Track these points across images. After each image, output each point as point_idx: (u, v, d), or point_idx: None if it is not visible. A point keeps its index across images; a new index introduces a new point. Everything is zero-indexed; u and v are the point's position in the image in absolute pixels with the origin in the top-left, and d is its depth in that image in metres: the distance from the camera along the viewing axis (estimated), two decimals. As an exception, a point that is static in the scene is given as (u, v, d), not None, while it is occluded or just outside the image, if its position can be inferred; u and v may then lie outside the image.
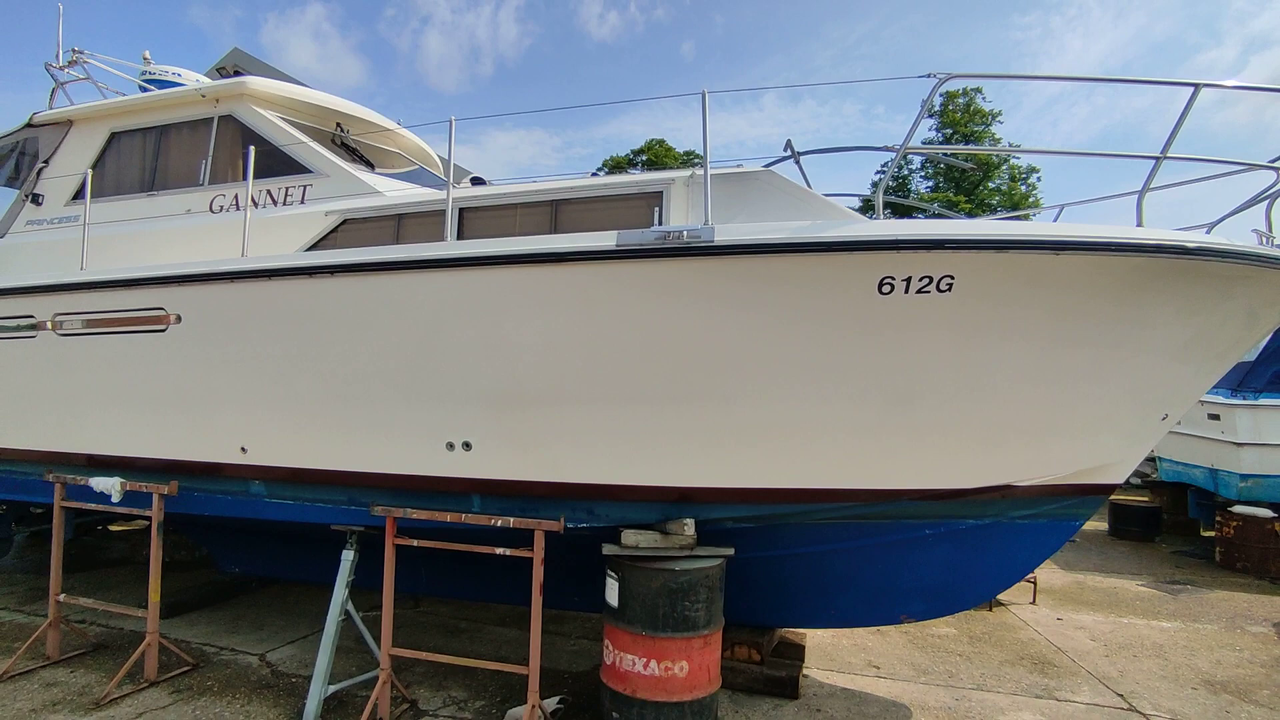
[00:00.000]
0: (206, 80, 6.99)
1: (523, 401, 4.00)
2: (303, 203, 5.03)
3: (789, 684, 4.72)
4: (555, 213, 4.26)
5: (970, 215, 30.07)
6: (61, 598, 4.95)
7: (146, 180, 5.66)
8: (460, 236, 4.36)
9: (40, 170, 5.96)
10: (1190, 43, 76.34)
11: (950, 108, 35.41)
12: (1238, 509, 8.75)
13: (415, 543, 4.14)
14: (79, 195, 5.83)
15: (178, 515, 5.01)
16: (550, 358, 3.91)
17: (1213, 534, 9.37)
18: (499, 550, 3.99)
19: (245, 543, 5.96)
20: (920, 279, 3.48)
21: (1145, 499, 11.65)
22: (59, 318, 4.92)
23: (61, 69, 6.54)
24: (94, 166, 5.80)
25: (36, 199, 5.91)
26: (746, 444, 3.98)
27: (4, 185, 6.14)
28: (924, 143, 35.80)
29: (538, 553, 3.91)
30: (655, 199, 4.14)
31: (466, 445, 4.12)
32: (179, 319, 4.55)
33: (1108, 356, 3.89)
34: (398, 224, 4.58)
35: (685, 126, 78.30)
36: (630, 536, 4.00)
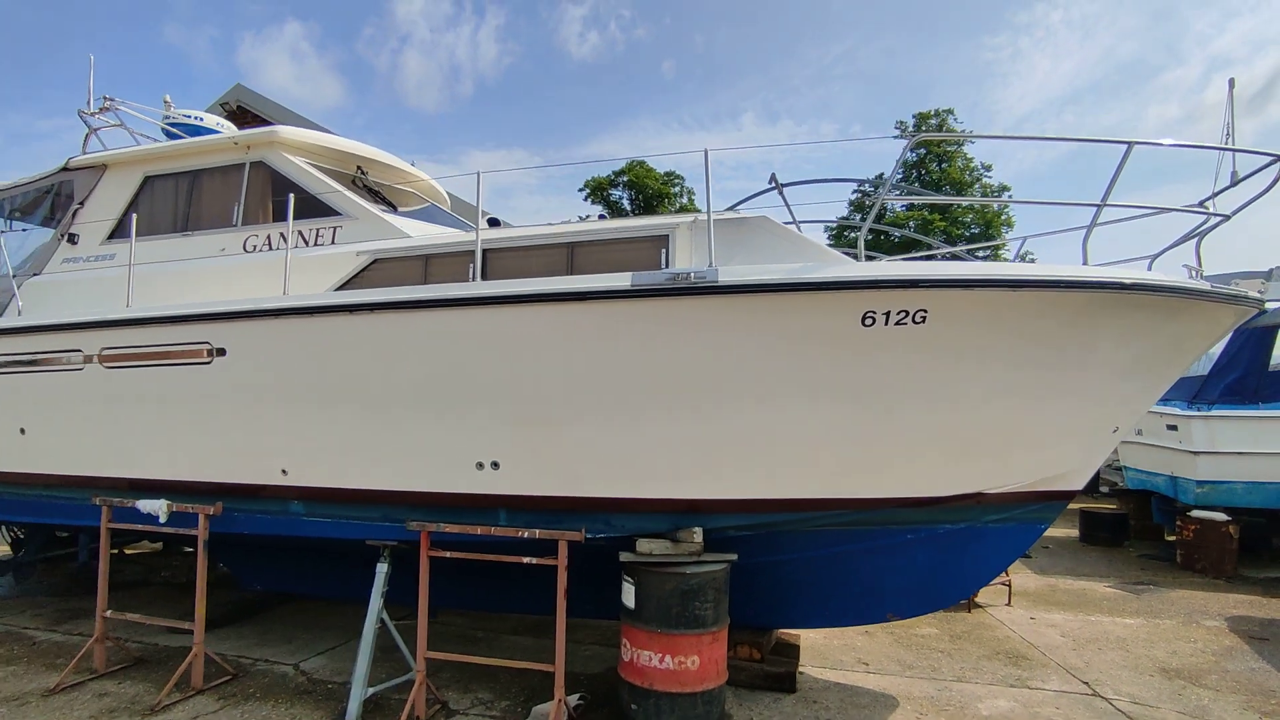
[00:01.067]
0: (228, 124, 7.45)
1: (546, 424, 4.45)
2: (333, 243, 5.46)
3: (787, 679, 5.17)
4: (571, 254, 4.74)
5: (945, 232, 31.11)
6: (108, 614, 5.26)
7: (180, 221, 6.05)
8: (484, 276, 4.81)
9: (76, 211, 6.34)
10: (1154, 63, 79.26)
11: (923, 128, 36.67)
12: (1195, 513, 9.37)
13: (449, 554, 4.55)
14: (114, 235, 6.23)
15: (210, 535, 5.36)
16: (571, 384, 4.37)
17: (1175, 538, 10.00)
18: (526, 560, 4.42)
19: (266, 561, 6.29)
20: (898, 312, 4.00)
21: (1114, 506, 12.30)
22: (106, 351, 5.29)
23: (93, 115, 6.94)
24: (129, 208, 6.19)
25: (72, 238, 6.27)
26: (746, 459, 4.45)
27: (39, 224, 6.48)
28: (899, 163, 37.11)
29: (562, 561, 4.34)
30: (662, 241, 4.64)
31: (495, 465, 4.55)
32: (223, 352, 4.94)
33: (1062, 377, 4.42)
34: (425, 264, 5.03)
35: (664, 146, 79.42)
36: (645, 544, 4.45)
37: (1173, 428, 9.68)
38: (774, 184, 5.43)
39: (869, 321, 4.04)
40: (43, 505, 5.81)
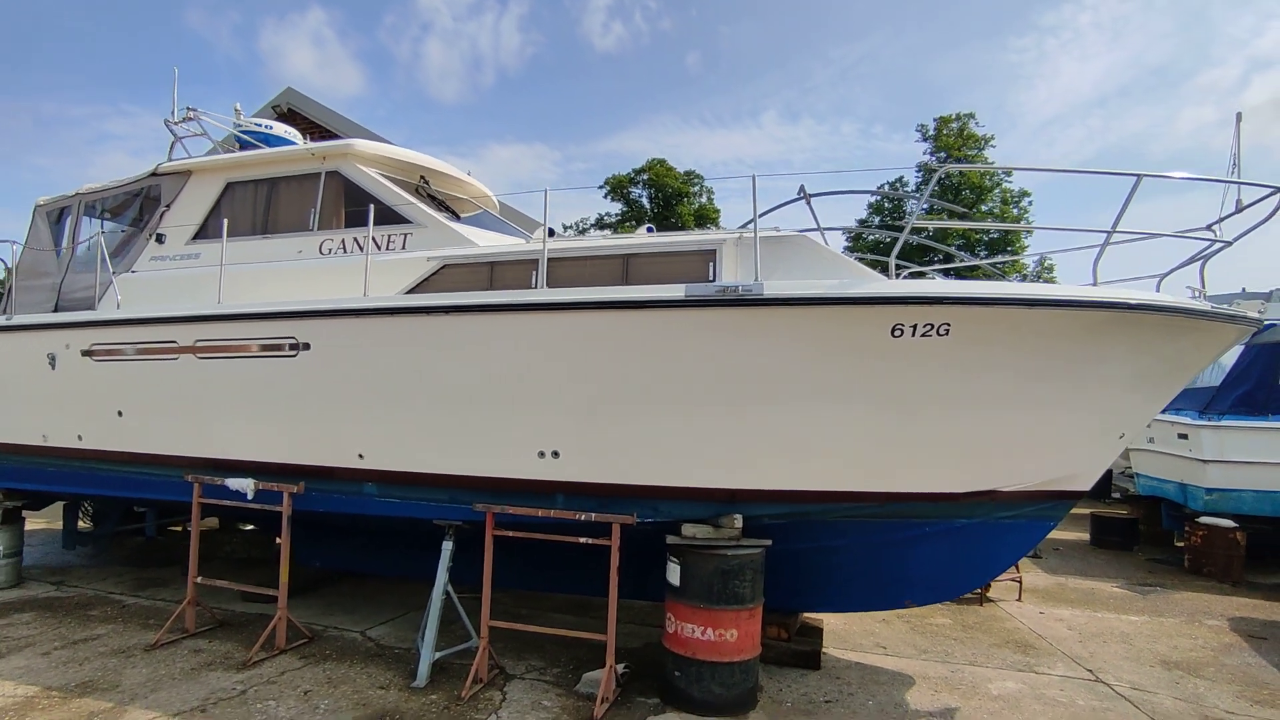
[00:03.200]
0: (295, 133, 8.01)
1: (604, 418, 4.94)
2: (404, 249, 5.98)
3: (812, 657, 5.65)
4: (627, 264, 5.23)
5: (964, 236, 31.30)
6: (199, 580, 5.83)
7: (259, 224, 6.60)
8: (546, 283, 5.31)
9: (163, 213, 6.91)
10: (1185, 67, 78.54)
11: (945, 132, 36.79)
12: (1204, 520, 9.71)
13: (511, 534, 5.06)
14: (198, 235, 6.80)
15: (265, 514, 5.89)
16: (628, 383, 4.85)
17: (1183, 543, 10.34)
18: (582, 540, 4.92)
19: (324, 540, 6.80)
20: (924, 326, 4.45)
21: (1125, 512, 12.62)
22: (199, 342, 5.85)
23: (177, 124, 7.52)
24: (212, 211, 6.76)
25: (160, 238, 6.85)
26: (782, 453, 4.92)
27: (128, 224, 7.06)
28: (917, 166, 37.35)
29: (615, 542, 4.83)
30: (710, 255, 5.11)
31: (555, 454, 5.05)
32: (307, 346, 5.48)
33: (1072, 387, 4.84)
34: (491, 270, 5.54)
35: (685, 143, 79.64)
36: (689, 529, 4.93)
37: (1184, 437, 10.01)
38: (802, 194, 5.85)
39: (898, 333, 4.49)
40: (136, 481, 6.37)
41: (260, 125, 7.90)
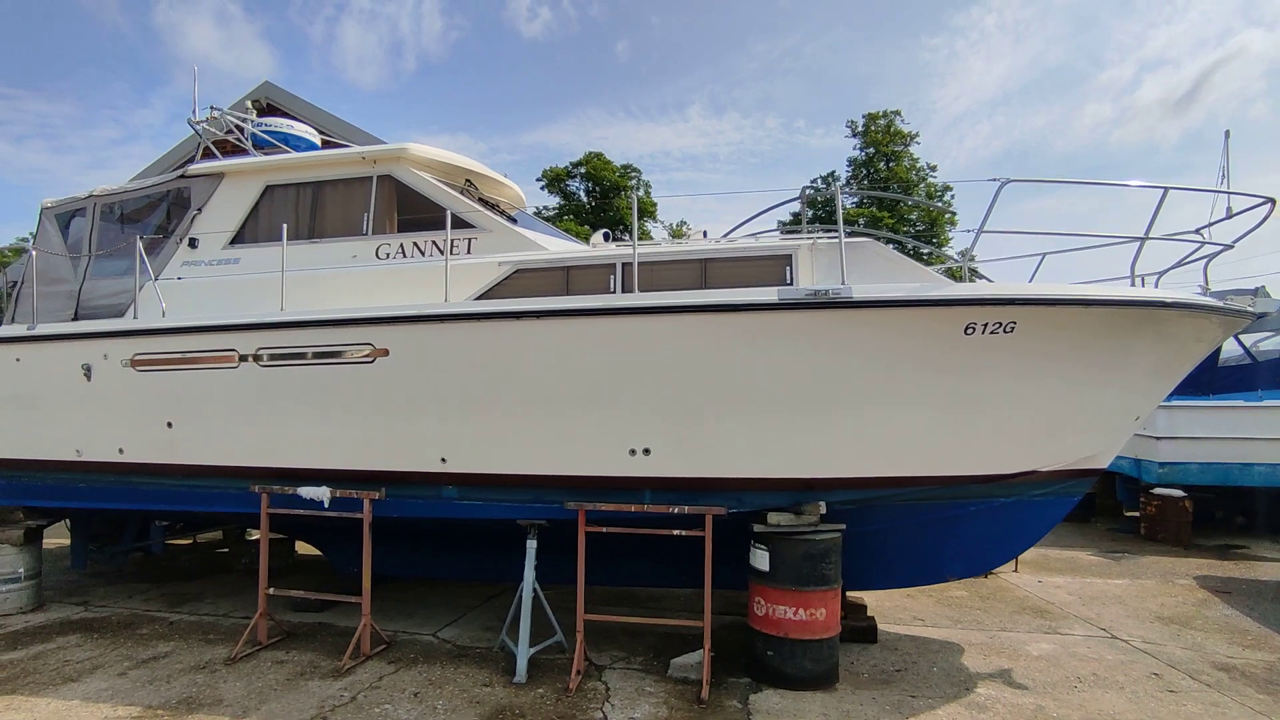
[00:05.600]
0: (313, 132, 7.87)
1: (694, 415, 5.20)
2: (469, 253, 6.04)
3: (870, 632, 6.11)
4: (705, 269, 5.49)
5: (892, 229, 32.89)
6: (270, 591, 5.75)
7: (303, 229, 6.48)
8: (625, 289, 5.51)
9: (194, 217, 6.68)
10: (1080, 68, 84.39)
11: (873, 128, 38.59)
12: (1157, 491, 10.81)
13: (605, 529, 5.26)
14: (236, 239, 6.62)
15: (290, 521, 5.87)
16: (717, 381, 5.13)
17: (1136, 513, 11.46)
18: (675, 532, 5.17)
19: (360, 545, 6.73)
20: (994, 324, 4.92)
21: (1077, 487, 13.79)
22: (263, 350, 5.74)
23: (200, 124, 7.24)
24: (250, 215, 6.60)
25: (193, 242, 6.62)
26: (857, 443, 5.30)
27: (154, 229, 6.77)
28: (849, 161, 39.06)
29: (708, 532, 5.12)
30: (786, 260, 5.43)
31: (646, 451, 5.27)
32: (386, 353, 5.49)
33: (1105, 375, 5.43)
34: (566, 275, 5.69)
35: (613, 135, 79.88)
36: (774, 517, 5.26)
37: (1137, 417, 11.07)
38: (802, 194, 6.17)
39: (970, 331, 4.95)
40: (187, 494, 6.16)
41: (284, 125, 7.72)
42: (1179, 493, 10.65)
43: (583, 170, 38.31)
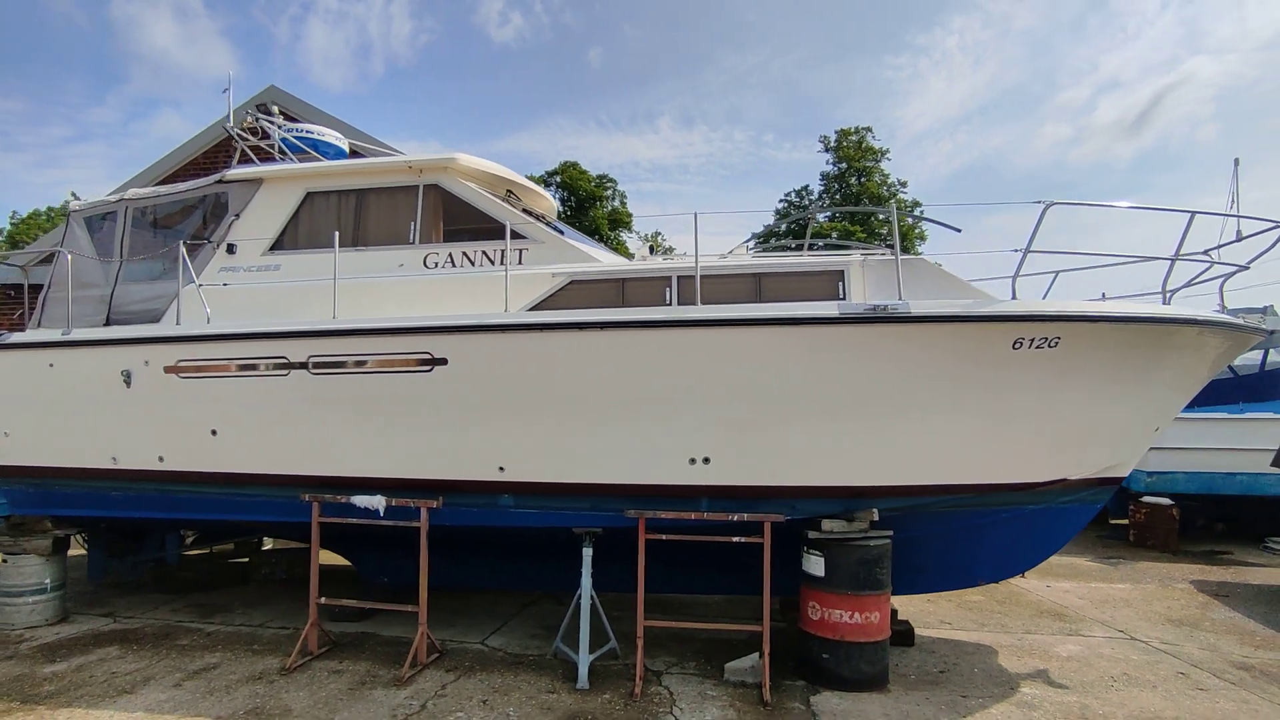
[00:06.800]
0: (340, 136, 7.86)
1: (753, 424, 5.34)
2: (520, 264, 6.11)
3: (908, 635, 6.30)
4: (759, 283, 5.65)
5: (864, 243, 33.65)
6: (322, 600, 5.71)
7: (345, 236, 6.47)
8: (680, 301, 5.64)
9: (232, 222, 6.62)
10: (1036, 90, 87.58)
11: (845, 144, 39.60)
12: (1146, 499, 11.29)
13: (664, 536, 5.36)
14: (276, 246, 6.58)
15: (327, 528, 5.84)
16: (775, 391, 5.28)
17: (1124, 521, 11.93)
18: (735, 539, 5.30)
19: (390, 555, 6.68)
20: (1040, 339, 5.17)
21: (1063, 495, 14.27)
22: (314, 358, 5.72)
23: (239, 131, 7.18)
24: (290, 221, 6.57)
25: (231, 248, 6.56)
26: (907, 451, 5.50)
27: (190, 234, 6.68)
28: (822, 175, 40.04)
29: (767, 539, 5.25)
30: (838, 275, 5.63)
31: (706, 459, 5.39)
32: (444, 361, 5.52)
33: (1133, 388, 5.73)
34: (621, 287, 5.79)
35: (583, 145, 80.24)
36: (828, 524, 5.42)
37: (1126, 428, 11.55)
38: (810, 210, 6.50)
39: (1017, 345, 5.19)
40: (231, 503, 6.07)
41: (309, 132, 7.69)
42: (1166, 501, 11.14)
43: (558, 179, 38.40)
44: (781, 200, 42.60)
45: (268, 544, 9.17)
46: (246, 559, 8.62)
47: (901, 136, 68.74)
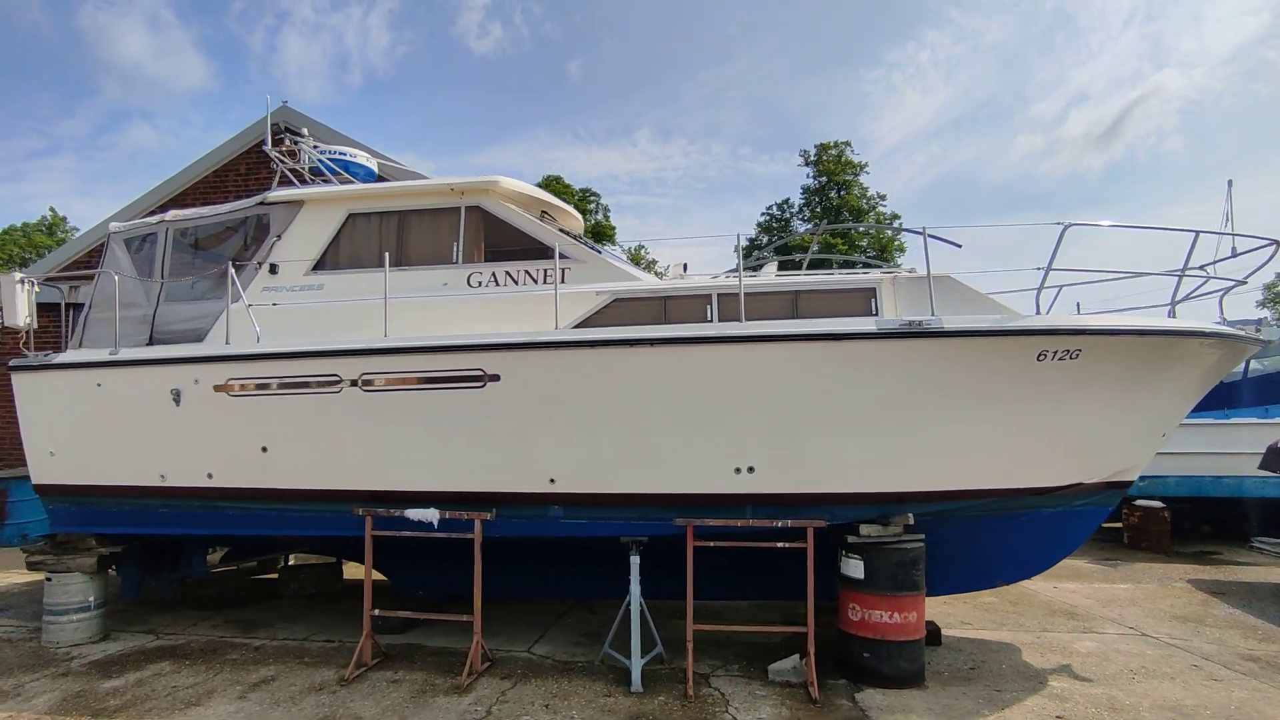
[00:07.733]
0: (369, 157, 8.06)
1: (795, 435, 5.60)
2: (563, 282, 6.34)
3: (936, 635, 6.58)
4: (795, 300, 5.95)
5: (844, 254, 34.42)
6: (376, 613, 5.84)
7: (388, 257, 6.65)
8: (720, 318, 5.91)
9: (274, 243, 6.78)
10: (1007, 103, 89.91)
11: (825, 158, 40.51)
12: (1139, 503, 11.75)
13: (711, 544, 5.59)
14: (318, 266, 6.74)
15: (342, 543, 5.98)
16: (815, 402, 5.56)
17: (1117, 524, 12.37)
18: (779, 544, 5.55)
19: (425, 567, 6.83)
20: (1062, 351, 5.51)
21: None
22: (366, 375, 5.89)
23: (277, 154, 7.34)
24: (332, 242, 6.74)
25: (274, 268, 6.71)
26: (938, 458, 5.80)
27: (231, 255, 6.82)
28: (802, 189, 40.88)
29: (810, 544, 5.51)
30: (870, 293, 5.94)
31: (750, 469, 5.64)
32: (497, 378, 5.72)
33: (1143, 396, 6.10)
34: (664, 304, 6.05)
35: (560, 159, 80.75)
36: (866, 528, 5.70)
37: (1118, 434, 12.03)
38: (816, 227, 6.86)
39: (1041, 358, 5.53)
40: (282, 518, 6.19)
41: (340, 153, 7.88)
42: (1158, 504, 11.61)
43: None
44: (763, 214, 43.43)
45: (291, 560, 9.22)
46: (273, 575, 8.68)
47: (876, 149, 70.25)
